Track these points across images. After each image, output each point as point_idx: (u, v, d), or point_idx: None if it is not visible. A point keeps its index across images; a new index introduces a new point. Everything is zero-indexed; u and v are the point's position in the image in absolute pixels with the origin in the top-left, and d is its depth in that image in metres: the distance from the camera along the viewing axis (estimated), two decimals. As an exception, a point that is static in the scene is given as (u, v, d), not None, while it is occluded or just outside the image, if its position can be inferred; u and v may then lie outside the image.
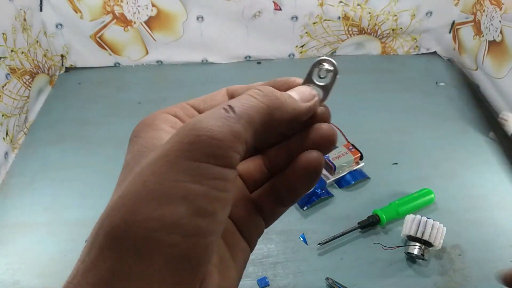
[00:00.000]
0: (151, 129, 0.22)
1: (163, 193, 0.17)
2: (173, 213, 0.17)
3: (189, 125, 0.18)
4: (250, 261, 0.63)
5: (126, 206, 0.17)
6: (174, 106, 0.24)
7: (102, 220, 0.18)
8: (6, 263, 0.63)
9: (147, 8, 1.01)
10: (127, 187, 0.18)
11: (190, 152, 0.17)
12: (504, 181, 0.77)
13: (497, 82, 0.92)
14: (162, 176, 0.17)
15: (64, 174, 0.78)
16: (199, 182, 0.17)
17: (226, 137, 0.18)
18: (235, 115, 0.19)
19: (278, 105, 0.21)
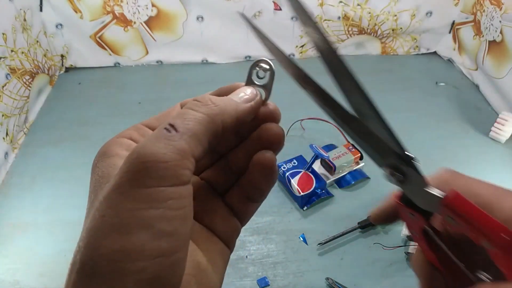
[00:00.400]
0: (106, 156, 0.23)
1: (121, 224, 0.18)
2: (134, 241, 0.17)
3: (134, 153, 0.19)
4: (250, 261, 0.63)
5: (89, 243, 0.18)
6: (129, 129, 0.25)
7: (74, 257, 0.19)
8: (6, 263, 0.63)
9: (147, 8, 1.01)
10: (89, 223, 0.18)
11: (140, 181, 0.18)
12: (504, 181, 0.77)
13: (497, 82, 0.92)
14: (118, 208, 0.18)
15: (64, 174, 0.78)
16: (154, 206, 0.18)
17: (172, 157, 0.18)
18: (177, 133, 0.19)
19: (218, 111, 0.21)
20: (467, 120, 0.92)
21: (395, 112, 0.95)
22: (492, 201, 0.22)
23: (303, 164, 0.74)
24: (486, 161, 0.81)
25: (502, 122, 0.83)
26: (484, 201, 0.22)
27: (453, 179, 0.25)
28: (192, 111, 0.21)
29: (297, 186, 0.70)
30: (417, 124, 0.91)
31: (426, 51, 1.17)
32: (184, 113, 0.21)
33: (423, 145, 0.84)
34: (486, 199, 0.23)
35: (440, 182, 0.25)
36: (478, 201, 0.22)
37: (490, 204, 0.22)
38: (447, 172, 0.25)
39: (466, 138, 0.87)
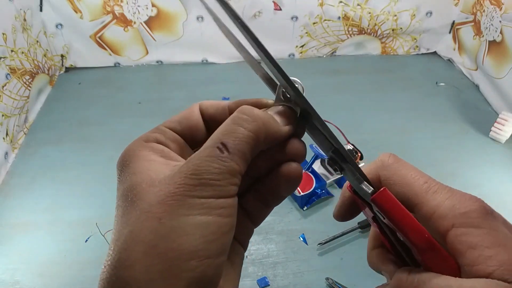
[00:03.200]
0: (141, 159, 0.23)
1: (178, 227, 0.20)
2: (189, 242, 0.20)
3: (190, 169, 0.21)
4: (250, 261, 0.63)
5: (145, 241, 0.20)
6: (153, 131, 0.25)
7: (117, 253, 0.20)
8: (6, 263, 0.63)
9: (147, 8, 1.01)
10: (140, 223, 0.20)
11: (196, 192, 0.20)
12: (504, 181, 0.77)
13: (497, 82, 0.92)
14: (175, 213, 0.20)
15: (64, 174, 0.78)
16: (208, 213, 0.20)
17: (224, 176, 0.21)
18: (229, 155, 0.21)
19: (264, 130, 0.23)
20: (467, 120, 0.92)
21: (395, 112, 0.95)
22: (422, 195, 0.24)
23: (303, 164, 0.74)
24: (486, 161, 0.81)
25: (502, 122, 0.83)
26: (415, 193, 0.24)
27: (392, 165, 0.26)
28: (241, 128, 0.22)
29: (297, 186, 0.70)
30: (417, 124, 0.91)
31: (426, 51, 1.17)
32: (234, 132, 0.22)
33: (423, 145, 0.84)
34: (417, 192, 0.24)
35: (379, 167, 0.26)
36: (409, 192, 0.24)
37: (419, 197, 0.24)
38: (388, 157, 0.27)
39: (466, 138, 0.87)
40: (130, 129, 0.86)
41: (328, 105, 0.95)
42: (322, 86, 1.03)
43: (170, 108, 0.94)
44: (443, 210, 0.24)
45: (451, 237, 0.23)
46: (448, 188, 0.25)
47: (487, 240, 0.22)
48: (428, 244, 0.23)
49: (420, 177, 0.25)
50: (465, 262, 0.22)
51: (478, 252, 0.22)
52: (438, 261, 0.23)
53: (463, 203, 0.23)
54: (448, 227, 0.23)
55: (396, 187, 0.25)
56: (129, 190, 0.22)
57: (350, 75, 1.08)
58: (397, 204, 0.24)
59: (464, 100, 0.98)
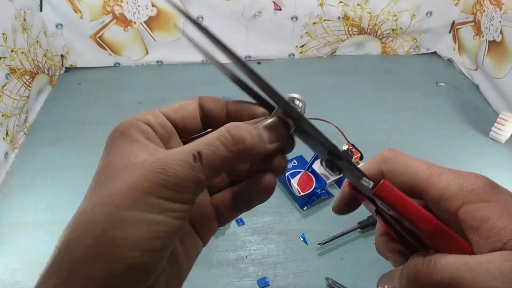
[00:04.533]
0: (127, 140, 0.24)
1: (131, 218, 0.21)
2: (136, 235, 0.21)
3: (160, 167, 0.22)
4: (250, 261, 0.63)
5: (97, 225, 0.21)
6: (148, 113, 0.26)
7: (74, 226, 0.23)
8: (6, 263, 0.63)
9: (147, 8, 1.01)
10: (99, 206, 0.22)
11: (157, 191, 0.21)
12: (504, 181, 0.77)
13: (497, 82, 0.92)
14: (132, 205, 0.21)
15: (64, 174, 0.78)
16: (162, 213, 0.21)
17: (188, 185, 0.22)
18: (201, 166, 0.22)
19: (245, 151, 0.23)
20: (467, 120, 0.92)
21: (395, 112, 0.95)
22: (428, 179, 0.25)
23: (303, 164, 0.74)
24: (486, 161, 0.81)
25: (502, 122, 0.83)
26: (420, 179, 0.25)
27: (393, 158, 0.27)
28: (223, 147, 0.23)
29: (297, 186, 0.70)
30: (417, 124, 0.91)
31: (426, 51, 1.17)
32: (214, 146, 0.23)
33: (423, 145, 0.84)
34: (422, 177, 0.25)
35: (380, 161, 0.27)
36: (415, 179, 0.25)
37: (425, 182, 0.25)
38: (388, 151, 0.27)
39: (466, 138, 0.87)
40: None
41: (328, 105, 0.95)
42: (322, 86, 1.03)
43: (170, 108, 0.94)
44: (451, 190, 0.24)
45: (462, 215, 0.24)
46: (452, 170, 0.25)
47: (498, 212, 0.23)
48: (436, 229, 0.24)
49: (422, 163, 0.26)
50: (479, 236, 0.23)
51: (491, 224, 0.22)
52: (449, 243, 0.23)
53: (469, 181, 0.24)
54: (459, 205, 0.24)
55: (401, 177, 0.26)
56: (105, 168, 0.24)
57: (350, 75, 1.08)
58: (399, 194, 0.24)
59: (464, 100, 0.98)
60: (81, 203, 0.23)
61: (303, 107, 0.26)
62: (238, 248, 0.65)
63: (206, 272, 0.62)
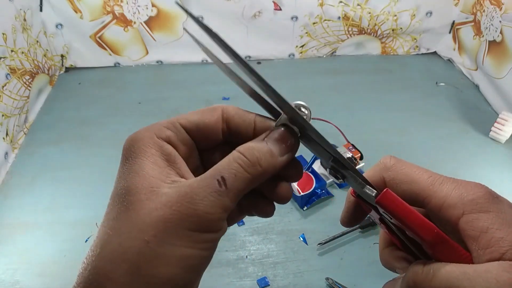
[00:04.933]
0: (147, 158, 0.24)
1: (163, 254, 0.21)
2: (169, 271, 0.21)
3: (187, 196, 0.22)
4: (250, 261, 0.63)
5: (131, 261, 0.21)
6: (167, 125, 0.26)
7: (103, 260, 0.22)
8: (6, 263, 0.63)
9: (147, 8, 1.01)
10: (130, 240, 0.21)
11: (187, 223, 0.22)
12: (505, 181, 0.77)
13: (497, 82, 0.92)
14: (163, 240, 0.21)
15: (64, 174, 0.78)
16: (192, 246, 0.22)
17: (217, 211, 0.22)
18: (226, 190, 0.22)
19: (262, 172, 0.24)
20: (467, 120, 0.92)
21: (395, 112, 0.95)
22: (429, 188, 0.25)
23: (303, 164, 0.74)
24: (486, 161, 0.81)
25: (502, 122, 0.83)
26: (421, 188, 0.25)
27: (394, 166, 0.27)
28: (242, 169, 0.23)
29: (297, 186, 0.70)
30: (417, 124, 0.91)
31: (426, 51, 1.17)
32: (234, 169, 0.23)
33: (423, 145, 0.84)
34: (423, 186, 0.25)
35: (382, 169, 0.27)
36: (416, 188, 0.25)
37: (426, 191, 0.25)
38: (389, 159, 0.28)
39: (466, 138, 0.87)
40: (130, 129, 0.85)
41: (328, 105, 0.95)
42: (322, 86, 1.03)
43: (170, 108, 0.94)
44: (452, 200, 0.24)
45: (462, 224, 0.24)
46: (452, 179, 0.26)
47: (497, 222, 0.23)
48: (437, 238, 0.24)
49: (424, 172, 0.26)
50: (478, 246, 0.23)
51: (490, 235, 0.23)
52: (449, 252, 0.24)
53: (469, 190, 0.25)
54: (459, 215, 0.24)
55: (403, 186, 0.26)
56: (126, 192, 0.23)
57: (350, 75, 1.08)
58: (402, 203, 0.24)
59: (464, 100, 0.98)
60: (104, 229, 0.23)
61: (309, 114, 0.26)
62: (238, 248, 0.65)
63: (206, 272, 0.61)
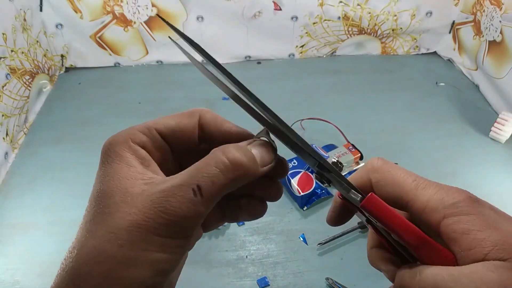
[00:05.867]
0: (122, 163, 0.24)
1: (135, 258, 0.22)
2: (141, 274, 0.22)
3: (161, 204, 0.22)
4: (250, 261, 0.63)
5: (103, 264, 0.22)
6: (142, 129, 0.26)
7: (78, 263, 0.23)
8: (6, 263, 0.63)
9: (147, 8, 1.01)
10: (104, 243, 0.22)
11: (159, 230, 0.22)
12: (505, 181, 0.77)
13: (497, 82, 0.92)
14: (135, 244, 0.22)
15: (64, 174, 0.78)
16: (164, 251, 0.22)
17: (191, 219, 0.22)
18: (202, 199, 0.22)
19: (242, 176, 0.24)
20: (467, 120, 0.92)
21: (395, 112, 0.95)
22: (412, 192, 0.26)
23: (303, 164, 0.74)
24: (486, 161, 0.81)
25: (502, 122, 0.83)
26: (405, 191, 0.26)
27: (381, 168, 0.27)
28: (221, 175, 0.23)
29: (297, 186, 0.70)
30: (417, 124, 0.91)
31: (426, 51, 1.17)
32: (212, 176, 0.23)
33: (423, 145, 0.84)
34: (407, 190, 0.26)
35: (369, 171, 0.28)
36: (400, 191, 0.26)
37: (409, 194, 0.26)
38: (376, 160, 0.28)
39: (466, 138, 0.87)
40: (130, 129, 0.86)
41: (328, 105, 0.95)
42: (322, 86, 1.03)
43: (170, 108, 0.94)
44: (433, 204, 0.25)
45: (444, 227, 0.24)
46: (436, 183, 0.26)
47: (478, 224, 0.23)
48: (421, 241, 0.24)
49: (409, 176, 0.27)
50: (461, 248, 0.24)
51: (471, 236, 0.23)
52: (434, 255, 0.24)
53: (450, 195, 0.25)
54: (440, 218, 0.25)
55: (387, 188, 0.27)
56: (103, 195, 0.24)
57: (350, 75, 1.08)
58: (386, 207, 0.25)
59: (464, 100, 0.98)
60: (81, 232, 0.24)
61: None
62: (238, 248, 0.65)
63: (206, 272, 0.62)
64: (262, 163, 0.25)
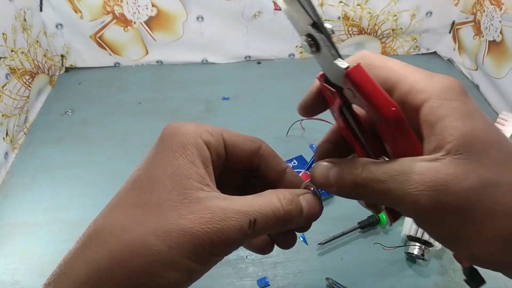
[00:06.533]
0: (185, 155, 0.24)
1: (179, 263, 0.23)
2: (177, 279, 0.23)
3: (218, 223, 0.23)
4: (250, 261, 0.63)
5: (146, 257, 0.22)
6: (212, 132, 0.26)
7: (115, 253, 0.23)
8: (6, 263, 0.63)
9: (147, 8, 1.01)
10: (152, 238, 0.23)
11: (208, 246, 0.24)
12: (504, 181, 0.77)
13: (497, 82, 0.92)
14: (183, 250, 0.23)
15: (64, 174, 0.78)
16: (203, 264, 0.25)
17: (235, 245, 0.25)
18: (253, 232, 0.24)
19: (286, 224, 0.26)
20: (467, 120, 0.92)
21: (395, 112, 0.95)
22: (401, 73, 0.25)
23: (303, 164, 0.74)
24: (486, 161, 0.81)
25: (502, 122, 0.83)
26: (393, 72, 0.25)
27: (372, 55, 0.27)
28: (274, 220, 0.25)
29: (297, 186, 0.70)
30: (417, 124, 0.91)
31: (426, 51, 1.17)
32: (267, 218, 0.24)
33: (423, 145, 0.84)
34: (396, 71, 0.25)
35: (359, 57, 0.27)
36: (389, 73, 0.25)
37: (398, 74, 0.25)
38: (368, 51, 0.28)
39: (466, 138, 0.87)
40: (130, 129, 0.86)
41: (328, 105, 0.94)
42: (322, 86, 1.03)
43: (170, 108, 0.94)
44: (421, 85, 0.24)
45: (424, 109, 0.24)
46: (428, 71, 0.26)
47: (457, 112, 0.23)
48: (396, 116, 0.24)
49: (400, 62, 0.27)
50: (432, 132, 0.23)
51: (446, 122, 0.22)
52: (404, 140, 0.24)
53: (441, 80, 0.24)
54: (424, 99, 0.24)
55: (377, 70, 0.26)
56: (154, 182, 0.24)
57: (350, 75, 1.08)
58: (370, 78, 0.24)
59: (464, 100, 0.98)
60: (123, 213, 0.24)
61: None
62: (238, 248, 0.65)
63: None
64: (307, 216, 0.27)
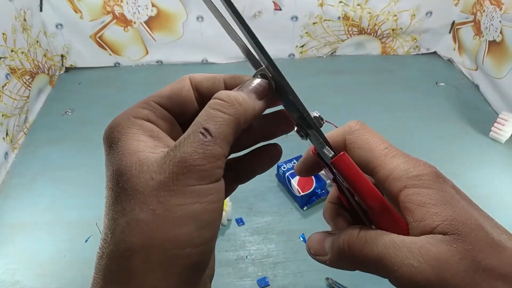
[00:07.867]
0: (130, 138, 0.24)
1: (173, 217, 0.21)
2: (183, 232, 0.21)
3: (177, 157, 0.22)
4: (250, 261, 0.63)
5: (142, 233, 0.21)
6: (142, 106, 0.26)
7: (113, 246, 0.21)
8: (6, 263, 0.63)
9: (147, 8, 1.01)
10: (136, 214, 0.21)
11: (184, 180, 0.21)
12: (505, 181, 0.77)
13: (497, 82, 0.92)
14: (168, 203, 0.21)
15: (64, 174, 0.78)
16: (198, 201, 0.22)
17: (209, 161, 0.22)
18: (212, 138, 0.22)
19: (243, 111, 0.24)
20: (467, 120, 0.92)
21: (395, 112, 0.95)
22: (381, 159, 0.26)
23: (303, 164, 0.74)
24: (486, 161, 0.81)
25: (502, 122, 0.83)
26: (374, 157, 0.26)
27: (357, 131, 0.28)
28: (221, 113, 0.23)
29: (297, 186, 0.70)
30: (417, 124, 0.91)
31: (426, 51, 1.17)
32: (214, 116, 0.23)
33: (423, 145, 0.84)
34: (377, 156, 0.26)
35: (346, 131, 0.28)
36: (370, 156, 0.26)
37: (378, 160, 0.26)
38: (355, 123, 0.28)
39: (466, 138, 0.87)
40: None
41: (328, 105, 0.95)
42: (322, 86, 1.03)
43: (170, 108, 0.94)
44: (398, 173, 0.25)
45: (402, 197, 0.25)
46: (406, 154, 0.27)
47: (435, 199, 0.24)
48: (381, 206, 0.25)
49: (382, 143, 0.27)
50: (413, 218, 0.24)
51: (425, 209, 0.24)
52: (390, 222, 0.25)
53: (416, 167, 0.26)
54: (401, 187, 0.25)
55: (359, 151, 0.27)
56: (119, 174, 0.23)
57: (350, 75, 1.08)
58: (355, 168, 0.26)
59: (464, 100, 0.98)
60: (109, 217, 0.22)
61: None
62: (238, 248, 0.65)
63: (206, 272, 0.61)
64: (258, 95, 0.26)
